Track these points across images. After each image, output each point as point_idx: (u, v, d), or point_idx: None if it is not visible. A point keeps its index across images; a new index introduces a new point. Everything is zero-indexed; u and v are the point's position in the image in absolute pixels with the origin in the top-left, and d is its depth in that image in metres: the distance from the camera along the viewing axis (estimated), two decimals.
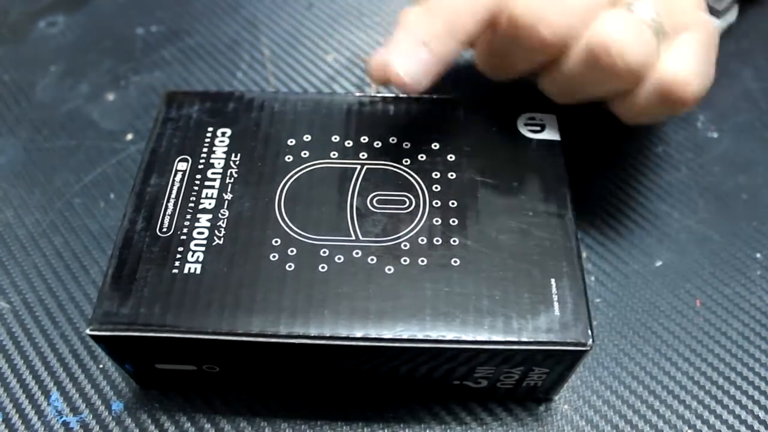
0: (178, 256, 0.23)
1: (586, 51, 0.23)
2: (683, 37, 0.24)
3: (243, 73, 0.36)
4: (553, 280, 0.22)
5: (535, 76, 0.27)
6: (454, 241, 0.23)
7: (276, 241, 0.23)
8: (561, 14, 0.23)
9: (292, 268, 0.23)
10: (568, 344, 0.21)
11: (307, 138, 0.26)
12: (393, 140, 0.26)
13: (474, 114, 0.27)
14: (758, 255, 0.29)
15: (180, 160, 0.25)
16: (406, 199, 0.24)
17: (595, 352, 0.27)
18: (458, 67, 0.31)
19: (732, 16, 0.29)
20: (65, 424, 0.25)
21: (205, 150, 0.26)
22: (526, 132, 0.26)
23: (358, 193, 0.24)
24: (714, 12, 0.28)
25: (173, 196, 0.24)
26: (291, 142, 0.26)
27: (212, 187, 0.25)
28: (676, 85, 0.23)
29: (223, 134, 0.26)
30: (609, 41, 0.23)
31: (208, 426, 0.25)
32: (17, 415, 0.25)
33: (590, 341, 0.21)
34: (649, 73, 0.24)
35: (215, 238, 0.23)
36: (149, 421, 0.25)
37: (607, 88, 0.24)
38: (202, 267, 0.23)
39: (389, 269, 0.23)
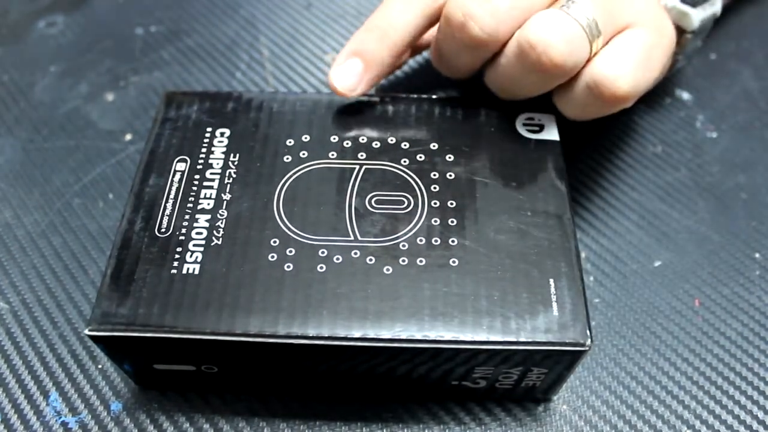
0: (177, 256, 0.23)
1: (516, 48, 0.24)
2: (624, 34, 0.25)
3: (242, 74, 0.36)
4: (551, 281, 0.22)
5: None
6: (453, 241, 0.23)
7: (274, 242, 0.23)
8: (489, 12, 0.24)
9: (291, 268, 0.23)
10: (567, 344, 0.21)
11: (305, 138, 0.26)
12: (392, 140, 0.26)
13: (473, 114, 0.27)
14: (757, 255, 0.29)
15: (179, 161, 0.25)
16: (405, 200, 0.24)
17: (593, 353, 0.27)
18: None
19: (715, 6, 0.28)
20: (64, 424, 0.25)
21: (203, 150, 0.26)
22: (524, 132, 0.26)
23: (357, 193, 0.24)
24: (689, 1, 0.28)
25: (172, 196, 0.24)
26: (290, 142, 0.26)
27: (211, 187, 0.25)
28: (606, 81, 0.24)
29: (222, 134, 0.26)
30: (535, 39, 0.23)
31: (206, 426, 0.25)
32: (16, 416, 0.25)
33: (589, 341, 0.21)
34: (582, 70, 0.24)
35: (214, 238, 0.23)
36: (148, 422, 0.25)
37: (541, 84, 0.25)
38: (200, 267, 0.23)
39: (388, 269, 0.23)
